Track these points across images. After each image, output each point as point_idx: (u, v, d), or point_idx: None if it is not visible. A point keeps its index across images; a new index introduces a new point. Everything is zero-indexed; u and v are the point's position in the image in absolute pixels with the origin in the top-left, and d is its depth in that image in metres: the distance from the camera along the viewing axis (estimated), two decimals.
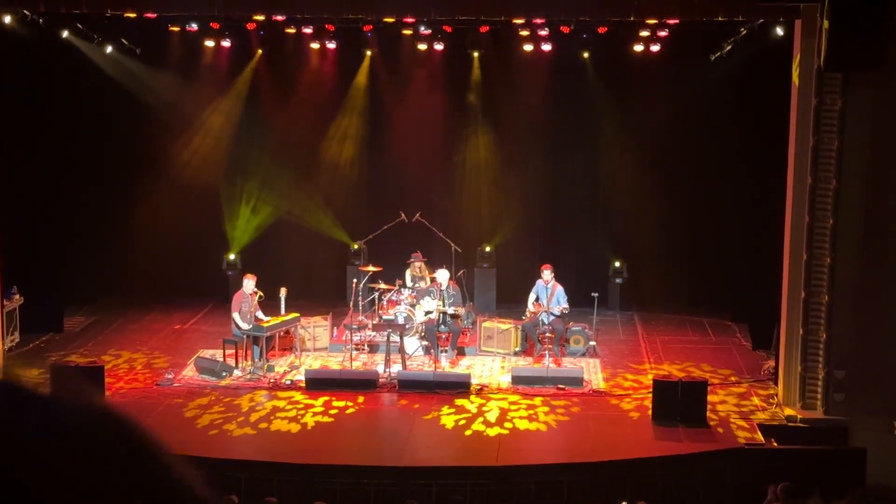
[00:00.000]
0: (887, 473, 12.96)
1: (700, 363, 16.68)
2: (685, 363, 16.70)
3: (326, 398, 14.65)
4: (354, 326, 16.74)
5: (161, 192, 20.22)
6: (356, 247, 19.94)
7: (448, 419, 14.04)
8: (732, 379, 15.96)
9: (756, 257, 17.29)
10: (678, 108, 19.15)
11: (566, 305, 16.52)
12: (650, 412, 14.12)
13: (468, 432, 13.62)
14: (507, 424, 13.81)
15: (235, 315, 15.89)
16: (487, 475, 12.52)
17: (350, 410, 14.23)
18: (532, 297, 16.90)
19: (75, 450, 1.26)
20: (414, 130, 20.18)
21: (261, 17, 16.90)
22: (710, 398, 14.34)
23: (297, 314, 16.60)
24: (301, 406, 14.42)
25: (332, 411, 14.20)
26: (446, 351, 16.59)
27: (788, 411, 14.17)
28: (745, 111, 17.79)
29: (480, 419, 14.01)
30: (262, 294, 16.26)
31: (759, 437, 13.46)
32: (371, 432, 14.07)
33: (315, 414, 14.10)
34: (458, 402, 14.63)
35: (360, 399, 14.61)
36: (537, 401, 14.67)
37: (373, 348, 16.91)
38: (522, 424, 13.82)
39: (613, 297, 20.07)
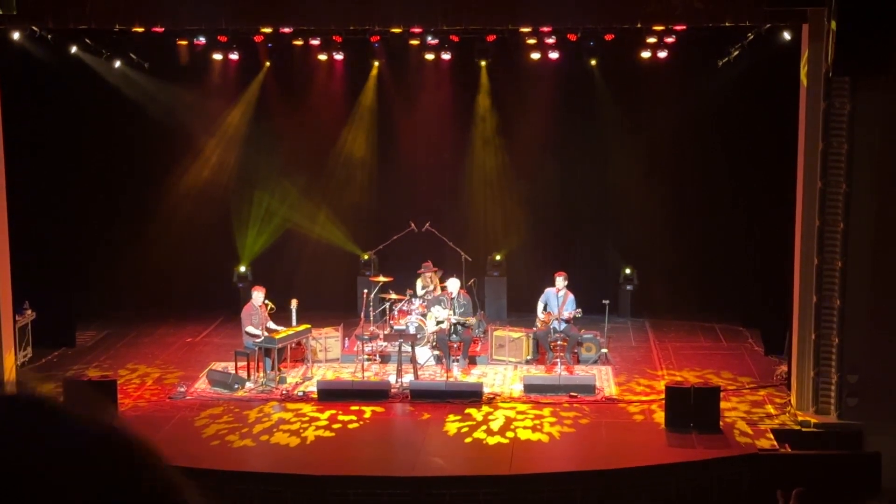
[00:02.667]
0: None
1: (720, 371, 16.60)
2: (704, 370, 16.64)
3: (333, 412, 14.61)
4: (366, 337, 16.74)
5: (171, 206, 20.28)
6: (366, 257, 19.96)
7: (451, 426, 14.04)
8: (747, 388, 15.91)
9: (767, 262, 17.26)
10: (686, 114, 19.14)
11: (578, 309, 16.51)
12: (663, 418, 14.11)
13: (468, 440, 13.61)
14: (509, 434, 13.78)
15: (249, 327, 15.91)
16: (500, 484, 12.50)
17: (353, 426, 14.14)
18: (541, 304, 16.91)
19: (84, 464, 1.28)
20: (422, 140, 20.21)
21: (268, 30, 16.93)
22: (723, 404, 14.32)
23: (309, 325, 16.61)
24: (307, 419, 14.38)
25: (336, 426, 14.12)
26: (458, 360, 16.59)
27: (802, 416, 14.13)
28: (754, 116, 17.78)
29: (483, 428, 13.98)
30: (273, 306, 16.28)
31: (761, 443, 13.38)
32: (384, 442, 14.05)
33: (318, 428, 14.04)
34: (467, 410, 14.62)
35: (367, 414, 14.56)
36: (546, 411, 14.63)
37: (384, 358, 16.92)
38: (524, 435, 13.78)
39: (624, 304, 20.05)
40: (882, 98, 13.52)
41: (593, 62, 19.29)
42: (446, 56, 18.55)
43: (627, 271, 20.18)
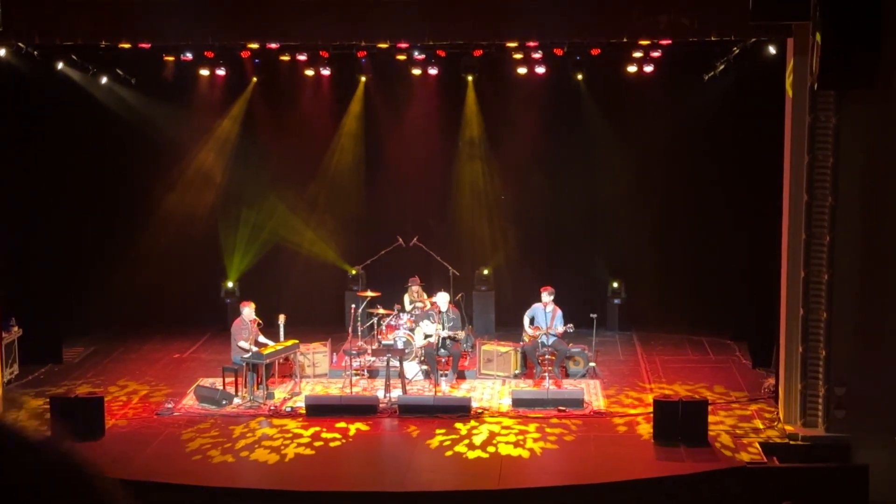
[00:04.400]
0: (890, 490, 12.93)
1: (707, 383, 16.61)
2: (693, 384, 16.62)
3: (317, 429, 14.54)
4: (354, 352, 16.72)
5: (158, 221, 20.26)
6: (354, 272, 19.97)
7: (439, 441, 14.02)
8: (737, 402, 15.92)
9: (754, 275, 17.29)
10: (673, 128, 19.22)
11: (570, 324, 16.52)
12: (651, 432, 14.12)
13: (448, 453, 13.60)
14: (490, 448, 13.74)
15: (242, 342, 15.88)
16: (489, 499, 12.47)
17: (334, 444, 14.01)
18: (527, 318, 16.91)
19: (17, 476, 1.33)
20: (409, 155, 20.23)
21: (255, 46, 16.94)
22: (711, 418, 14.32)
23: (297, 341, 16.56)
24: (290, 436, 14.29)
25: (317, 443, 14.00)
26: (446, 375, 16.58)
27: (790, 429, 14.14)
28: (740, 130, 17.84)
29: (465, 442, 13.93)
30: (260, 321, 16.26)
31: (748, 457, 13.38)
32: (373, 458, 14.01)
33: (299, 445, 13.93)
34: (455, 425, 14.58)
35: (352, 431, 14.47)
36: (531, 427, 14.60)
37: (372, 373, 16.90)
38: (512, 449, 13.74)
39: (612, 317, 20.09)
40: (867, 111, 13.58)
41: (580, 76, 19.37)
42: (433, 71, 18.57)
43: (615, 285, 20.22)
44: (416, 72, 18.76)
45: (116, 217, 20.17)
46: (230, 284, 20.36)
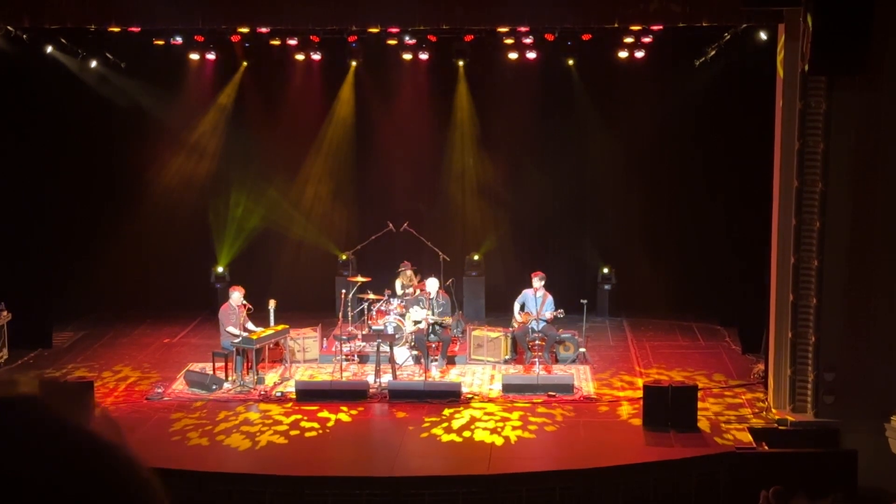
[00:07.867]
0: (878, 475, 12.98)
1: (698, 369, 16.62)
2: (683, 369, 16.63)
3: (298, 416, 14.48)
4: (344, 337, 16.71)
5: (148, 206, 20.19)
6: (344, 257, 19.93)
7: (428, 426, 14.04)
8: (729, 388, 15.95)
9: (744, 261, 17.31)
10: (664, 114, 19.20)
11: (560, 310, 16.50)
12: (641, 417, 14.15)
13: (424, 435, 13.65)
14: (466, 433, 13.75)
15: (230, 327, 15.86)
16: (479, 484, 12.50)
17: (310, 434, 13.92)
18: (517, 305, 16.91)
19: (66, 469, 1.25)
20: (400, 140, 20.20)
21: (245, 30, 16.87)
22: (700, 403, 14.36)
23: (287, 326, 16.55)
24: (270, 422, 14.27)
25: (294, 432, 13.94)
26: (436, 360, 16.58)
27: (779, 415, 14.18)
28: (731, 115, 17.83)
29: (444, 425, 13.97)
30: (250, 307, 16.24)
31: (738, 442, 13.42)
32: (362, 443, 14.03)
33: (276, 433, 13.89)
34: (445, 410, 14.59)
35: (330, 423, 14.34)
36: (515, 415, 14.58)
37: (363, 359, 16.88)
38: (504, 433, 13.75)
39: (602, 303, 20.08)
40: (858, 97, 13.59)
41: (571, 62, 19.33)
42: (424, 56, 18.53)
43: (605, 270, 20.22)
44: (407, 57, 18.70)
45: (106, 201, 20.08)
46: (220, 269, 20.31)
